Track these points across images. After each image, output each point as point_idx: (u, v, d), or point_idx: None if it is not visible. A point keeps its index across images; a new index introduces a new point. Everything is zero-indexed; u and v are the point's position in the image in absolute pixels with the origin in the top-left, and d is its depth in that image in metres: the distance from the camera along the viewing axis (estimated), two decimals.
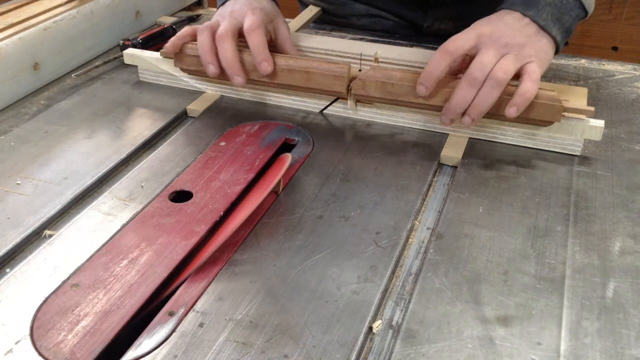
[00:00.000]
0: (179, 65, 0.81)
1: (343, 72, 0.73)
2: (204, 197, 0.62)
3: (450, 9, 1.00)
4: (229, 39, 0.75)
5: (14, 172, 0.66)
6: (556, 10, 0.71)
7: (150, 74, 0.85)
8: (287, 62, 0.75)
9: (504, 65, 0.66)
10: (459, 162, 0.69)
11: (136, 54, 0.85)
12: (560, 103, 0.67)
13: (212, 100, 0.81)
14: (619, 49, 1.81)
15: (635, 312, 0.50)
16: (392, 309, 0.51)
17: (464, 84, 0.66)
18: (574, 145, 0.70)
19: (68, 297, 0.51)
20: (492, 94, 0.66)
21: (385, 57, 0.79)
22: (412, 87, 0.70)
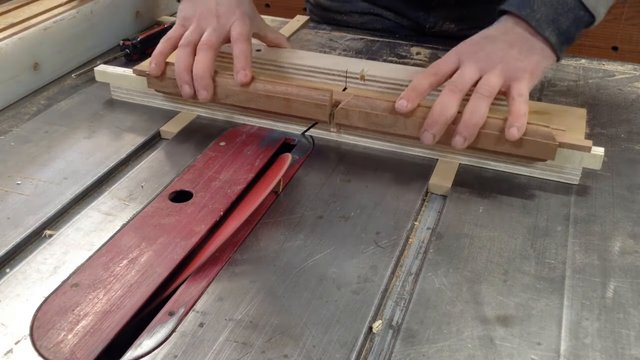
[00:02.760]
0: (152, 87, 0.76)
1: (325, 100, 0.68)
2: (204, 197, 0.62)
3: (453, 11, 1.00)
4: (210, 50, 0.71)
5: (14, 172, 0.66)
6: (551, 10, 0.67)
7: (122, 92, 0.80)
8: (266, 87, 0.70)
9: (487, 78, 0.64)
10: (448, 190, 0.65)
11: (108, 71, 0.79)
12: (555, 141, 0.62)
13: (187, 121, 0.77)
14: (619, 49, 1.81)
15: (635, 312, 0.50)
16: (392, 309, 0.51)
17: (445, 92, 0.63)
18: (571, 175, 0.65)
19: (68, 297, 0.51)
20: (480, 105, 0.62)
21: (371, 75, 0.75)
22: (396, 118, 0.65)
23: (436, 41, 0.98)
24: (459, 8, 0.99)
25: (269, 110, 0.71)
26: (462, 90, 0.63)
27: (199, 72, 0.70)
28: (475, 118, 0.62)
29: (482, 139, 0.63)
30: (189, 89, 0.71)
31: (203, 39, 0.72)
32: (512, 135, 0.61)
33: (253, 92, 0.70)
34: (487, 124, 0.63)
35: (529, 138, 0.62)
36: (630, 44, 1.80)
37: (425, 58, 0.93)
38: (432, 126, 0.62)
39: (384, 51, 0.95)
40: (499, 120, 0.63)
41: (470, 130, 0.62)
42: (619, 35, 1.79)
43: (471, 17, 0.99)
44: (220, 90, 0.71)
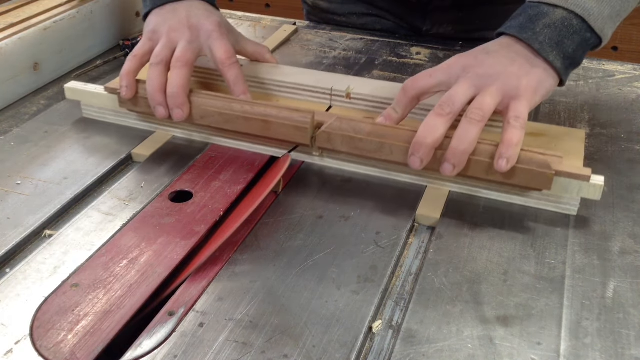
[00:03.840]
0: (124, 106, 0.72)
1: (306, 122, 0.63)
2: (204, 197, 0.62)
3: (450, 14, 1.00)
4: (185, 68, 0.67)
5: (14, 172, 0.66)
6: (556, 33, 0.61)
7: (94, 111, 0.75)
8: (244, 108, 0.66)
9: (481, 99, 0.58)
10: (437, 222, 0.60)
11: (78, 88, 0.74)
12: (551, 170, 0.57)
13: (162, 142, 0.71)
14: (619, 49, 1.81)
15: (635, 312, 0.50)
16: (392, 309, 0.51)
17: (432, 114, 0.58)
18: (569, 205, 0.60)
19: (68, 297, 0.51)
20: (470, 131, 0.57)
21: (357, 93, 0.71)
22: (382, 143, 0.61)
23: (436, 41, 0.98)
24: (456, 11, 0.99)
25: (247, 132, 0.67)
26: (452, 113, 0.58)
27: (173, 91, 0.66)
28: (464, 145, 0.57)
29: (472, 167, 0.59)
30: (163, 110, 0.67)
31: (176, 55, 0.68)
32: (500, 167, 0.56)
33: (230, 113, 0.66)
34: (477, 151, 0.58)
35: (523, 167, 0.58)
36: (630, 44, 1.80)
37: (425, 58, 0.93)
38: (418, 150, 0.58)
39: (384, 51, 0.95)
40: (491, 146, 0.58)
41: (459, 158, 0.57)
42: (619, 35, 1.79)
43: (468, 20, 0.99)
44: (196, 110, 0.67)
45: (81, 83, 0.75)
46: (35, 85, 0.84)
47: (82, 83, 0.75)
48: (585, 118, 0.78)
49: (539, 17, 0.62)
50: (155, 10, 0.74)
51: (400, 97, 0.63)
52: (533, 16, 0.62)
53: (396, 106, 0.63)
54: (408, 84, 0.62)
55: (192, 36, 0.70)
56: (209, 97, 0.67)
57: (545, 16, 0.62)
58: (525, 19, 0.63)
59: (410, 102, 0.62)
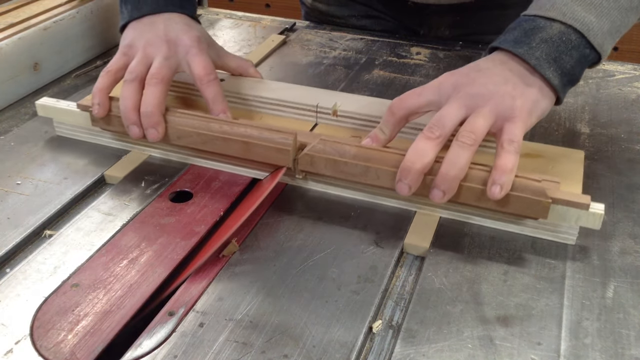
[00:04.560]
0: (97, 125, 0.68)
1: (287, 144, 0.60)
2: (204, 197, 0.62)
3: (448, 18, 1.00)
4: (161, 85, 0.64)
5: (14, 172, 0.66)
6: (553, 48, 0.57)
7: (67, 128, 0.71)
8: (222, 128, 0.62)
9: (472, 122, 0.55)
10: (426, 251, 0.57)
11: (50, 105, 0.70)
12: (547, 198, 0.54)
13: (138, 162, 0.68)
14: (619, 49, 1.81)
15: (635, 312, 0.50)
16: (392, 309, 0.51)
17: (420, 138, 0.55)
18: (567, 234, 0.57)
19: (68, 297, 0.51)
20: (461, 155, 0.53)
21: (344, 111, 0.68)
22: (367, 167, 0.58)
23: (436, 41, 0.98)
24: (453, 15, 0.99)
25: (226, 154, 0.63)
26: (442, 136, 0.55)
27: (147, 109, 0.62)
28: (455, 171, 0.53)
29: (463, 193, 0.55)
30: (137, 130, 0.63)
31: (152, 71, 0.65)
32: (493, 194, 0.53)
33: (208, 133, 0.62)
34: (469, 176, 0.55)
35: (517, 194, 0.54)
36: (630, 44, 1.80)
37: (425, 58, 0.93)
38: (406, 176, 0.54)
39: (383, 51, 0.95)
40: (484, 171, 0.55)
41: (449, 184, 0.54)
42: None
43: (465, 24, 0.99)
44: (172, 130, 0.64)
45: (53, 99, 0.71)
46: (35, 85, 0.84)
47: (53, 99, 0.71)
48: (585, 118, 0.78)
49: (534, 31, 0.58)
50: (132, 23, 0.71)
51: (388, 118, 0.59)
52: (528, 30, 0.59)
53: (383, 127, 0.60)
54: (395, 104, 0.59)
55: (169, 51, 0.67)
56: (186, 117, 0.64)
57: (541, 30, 0.58)
58: (520, 33, 0.59)
59: (398, 122, 0.59)
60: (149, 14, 0.71)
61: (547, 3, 0.60)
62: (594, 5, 0.58)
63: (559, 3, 0.59)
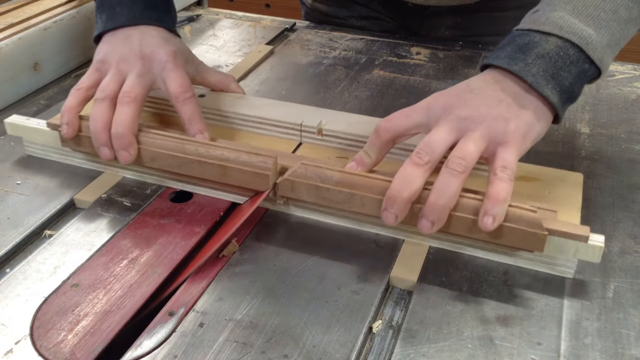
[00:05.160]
0: (67, 145, 0.64)
1: (267, 168, 0.57)
2: (204, 197, 0.62)
3: (447, 19, 1.00)
4: (133, 104, 0.60)
5: (14, 172, 0.66)
6: (551, 64, 0.53)
7: (37, 148, 0.67)
8: (198, 150, 0.59)
9: (463, 147, 0.52)
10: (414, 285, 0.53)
11: (19, 123, 0.66)
12: (543, 230, 0.50)
13: (110, 184, 0.64)
14: None
15: (635, 312, 0.50)
16: (392, 309, 0.51)
17: (408, 163, 0.52)
18: (565, 267, 0.54)
19: (68, 297, 0.51)
20: (451, 183, 0.50)
21: (330, 130, 0.65)
22: (351, 194, 0.54)
23: (437, 41, 0.98)
24: (453, 16, 0.99)
25: (202, 177, 0.60)
26: (430, 162, 0.51)
27: (118, 130, 0.59)
28: (444, 200, 0.50)
29: (453, 224, 0.52)
30: (108, 151, 0.60)
31: (124, 89, 0.61)
32: (485, 225, 0.50)
33: (183, 156, 0.59)
34: (459, 206, 0.51)
35: (511, 225, 0.51)
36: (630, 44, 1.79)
37: (425, 58, 0.93)
38: (392, 205, 0.51)
39: (383, 51, 0.95)
40: (475, 200, 0.51)
41: (439, 214, 0.50)
42: None
43: (465, 25, 0.99)
44: (145, 152, 0.60)
45: (23, 117, 0.67)
46: (35, 85, 0.84)
47: (23, 117, 0.67)
48: (585, 118, 0.78)
49: (529, 46, 0.54)
50: (106, 36, 0.68)
51: (374, 140, 0.56)
52: (523, 45, 0.55)
53: (369, 150, 0.56)
54: (382, 126, 0.56)
55: (143, 68, 0.64)
56: (160, 138, 0.60)
57: (537, 45, 0.54)
58: (514, 49, 0.55)
59: (384, 145, 0.56)
60: (124, 26, 0.67)
61: (542, 16, 0.56)
62: (592, 18, 0.54)
63: (554, 16, 0.55)
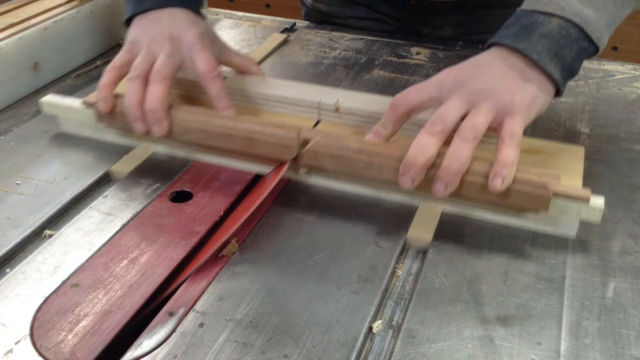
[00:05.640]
0: (102, 121, 0.69)
1: (291, 139, 0.60)
2: (204, 197, 0.62)
3: (450, 17, 1.00)
4: (164, 81, 0.65)
5: (14, 172, 0.66)
6: (554, 43, 0.58)
7: (72, 125, 0.72)
8: (226, 124, 0.63)
9: (473, 117, 0.56)
10: (429, 244, 0.57)
11: (55, 102, 0.71)
12: (548, 191, 0.54)
13: (142, 158, 0.68)
14: (619, 49, 1.81)
15: (635, 312, 0.50)
16: (392, 309, 0.51)
17: (423, 132, 0.56)
18: (567, 227, 0.58)
19: (68, 297, 0.51)
20: (463, 150, 0.54)
21: (347, 108, 0.69)
22: (371, 161, 0.58)
23: (437, 41, 0.98)
24: (456, 14, 0.99)
25: (230, 149, 0.64)
26: (443, 131, 0.56)
27: (151, 105, 0.63)
28: (457, 164, 0.54)
29: (465, 187, 0.56)
30: (141, 125, 0.64)
31: (155, 68, 0.65)
32: (495, 186, 0.54)
33: (212, 130, 0.63)
34: (470, 171, 0.55)
35: (519, 188, 0.55)
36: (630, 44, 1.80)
37: (425, 58, 0.93)
38: (409, 170, 0.55)
39: (383, 51, 0.95)
40: (485, 166, 0.55)
41: (451, 178, 0.55)
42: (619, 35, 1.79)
43: (468, 23, 0.99)
44: (177, 126, 0.64)
45: (58, 96, 0.72)
46: (35, 85, 0.84)
47: (59, 96, 0.72)
48: (585, 118, 0.78)
49: (534, 26, 0.59)
50: (136, 19, 0.71)
51: (389, 114, 0.60)
52: (528, 25, 0.59)
53: (385, 123, 0.60)
54: (397, 100, 0.60)
55: (172, 48, 0.67)
56: (190, 113, 0.65)
57: (540, 25, 0.59)
58: (519, 28, 0.60)
59: (399, 118, 0.60)
60: (153, 9, 0.71)
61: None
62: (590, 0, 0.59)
63: None
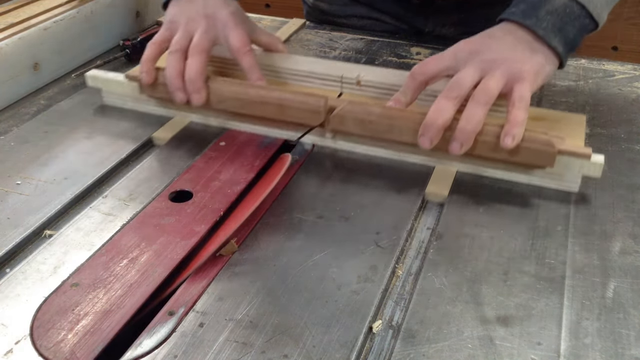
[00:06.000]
0: (145, 92, 0.75)
1: (319, 106, 0.67)
2: (204, 197, 0.62)
3: (452, 15, 1.00)
4: (202, 55, 0.71)
5: (14, 172, 0.66)
6: (558, 19, 0.65)
7: (115, 97, 0.78)
8: (259, 93, 0.69)
9: (486, 83, 0.62)
10: (445, 199, 0.64)
11: (100, 76, 0.78)
12: (554, 148, 0.61)
13: (181, 126, 0.75)
14: (619, 49, 1.81)
15: (635, 312, 0.50)
16: (392, 309, 0.51)
17: (441, 97, 0.62)
18: (571, 182, 0.64)
19: (68, 296, 0.51)
20: (477, 112, 0.61)
21: (367, 81, 0.75)
22: (392, 124, 0.65)
23: (436, 41, 0.98)
24: (457, 13, 0.99)
25: (262, 116, 0.70)
26: (459, 96, 0.62)
27: (191, 76, 0.69)
28: (472, 125, 0.60)
29: (478, 146, 0.62)
30: (182, 94, 0.70)
31: (193, 43, 0.71)
32: (506, 144, 0.60)
33: (246, 98, 0.69)
34: (483, 131, 0.62)
35: (527, 145, 0.61)
36: (630, 44, 1.80)
37: (425, 58, 0.93)
38: (428, 130, 0.62)
39: (383, 51, 0.95)
40: (496, 127, 0.62)
41: (467, 137, 0.61)
42: (619, 35, 1.79)
43: (470, 21, 0.99)
44: (214, 96, 0.70)
45: (102, 71, 0.79)
46: (35, 85, 0.84)
47: (103, 71, 0.79)
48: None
49: (541, 3, 0.66)
50: (173, 1, 0.77)
51: (409, 83, 0.66)
52: (535, 3, 0.66)
53: (405, 91, 0.66)
54: (416, 70, 0.66)
55: (207, 26, 0.73)
56: (226, 83, 0.71)
57: (547, 3, 0.65)
58: (527, 6, 0.66)
59: (418, 87, 0.66)
60: None
61: None
62: None
63: None
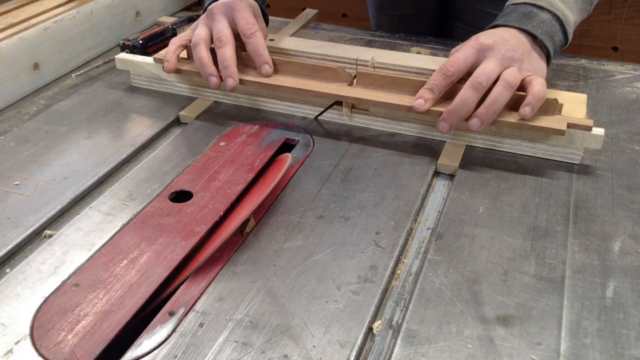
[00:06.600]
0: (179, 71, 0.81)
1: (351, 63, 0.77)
2: (204, 197, 0.62)
3: None
4: (228, 43, 0.75)
5: (14, 172, 0.66)
6: (548, 29, 0.72)
7: (142, 79, 0.85)
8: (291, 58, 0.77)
9: (512, 71, 0.67)
10: (456, 170, 0.68)
11: (128, 59, 0.84)
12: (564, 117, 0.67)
13: (205, 106, 0.80)
14: (619, 49, 1.81)
15: (635, 312, 0.50)
16: (392, 309, 0.51)
17: (467, 87, 0.66)
18: (573, 154, 0.69)
19: (68, 297, 0.51)
20: (504, 94, 0.65)
21: (381, 63, 0.78)
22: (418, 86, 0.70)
23: (436, 41, 0.98)
24: None
25: (296, 76, 0.76)
26: (485, 87, 0.66)
27: (225, 63, 0.74)
28: (497, 106, 0.65)
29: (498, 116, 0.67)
30: (215, 79, 0.75)
31: (215, 35, 0.76)
32: (525, 112, 0.65)
33: (280, 59, 0.77)
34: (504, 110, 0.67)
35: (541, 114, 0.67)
36: (630, 44, 1.80)
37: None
38: (450, 118, 0.67)
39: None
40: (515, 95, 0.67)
41: (489, 116, 0.66)
42: (619, 35, 1.79)
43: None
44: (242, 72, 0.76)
45: (130, 55, 0.85)
46: (35, 85, 0.84)
47: (130, 55, 0.85)
48: None
49: (531, 14, 0.72)
50: None
51: (440, 80, 0.69)
52: (526, 14, 0.73)
53: (434, 88, 0.69)
54: (450, 70, 0.68)
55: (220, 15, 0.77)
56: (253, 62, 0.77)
57: (536, 15, 0.72)
58: (519, 15, 0.73)
59: (449, 84, 0.69)
60: None
61: None
62: (566, 2, 0.74)
63: None
